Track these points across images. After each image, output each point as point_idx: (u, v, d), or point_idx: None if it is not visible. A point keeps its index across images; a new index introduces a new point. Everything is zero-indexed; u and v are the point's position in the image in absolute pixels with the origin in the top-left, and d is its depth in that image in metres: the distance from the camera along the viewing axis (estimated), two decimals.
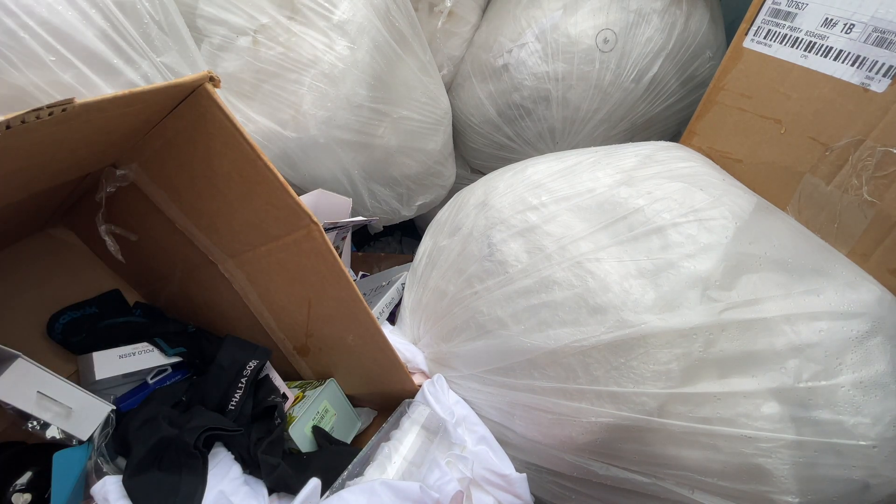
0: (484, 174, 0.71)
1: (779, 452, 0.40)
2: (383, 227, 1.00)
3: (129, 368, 0.59)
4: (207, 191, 0.50)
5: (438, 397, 0.54)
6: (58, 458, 0.47)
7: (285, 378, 0.68)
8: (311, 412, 0.57)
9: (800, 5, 0.51)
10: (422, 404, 0.55)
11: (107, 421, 0.53)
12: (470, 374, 0.55)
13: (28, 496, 0.49)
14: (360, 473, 0.50)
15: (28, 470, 0.51)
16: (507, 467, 0.50)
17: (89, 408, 0.52)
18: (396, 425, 0.55)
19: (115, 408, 0.54)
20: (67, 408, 0.50)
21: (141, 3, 0.52)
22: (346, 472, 0.48)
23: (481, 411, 0.55)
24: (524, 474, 0.50)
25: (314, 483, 0.45)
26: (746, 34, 0.55)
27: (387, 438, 0.53)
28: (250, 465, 0.51)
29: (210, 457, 0.51)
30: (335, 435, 0.58)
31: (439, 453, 0.50)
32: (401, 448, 0.51)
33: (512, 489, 0.49)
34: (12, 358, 0.47)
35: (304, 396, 0.60)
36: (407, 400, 0.57)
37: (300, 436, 0.55)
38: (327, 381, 0.61)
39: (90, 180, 0.55)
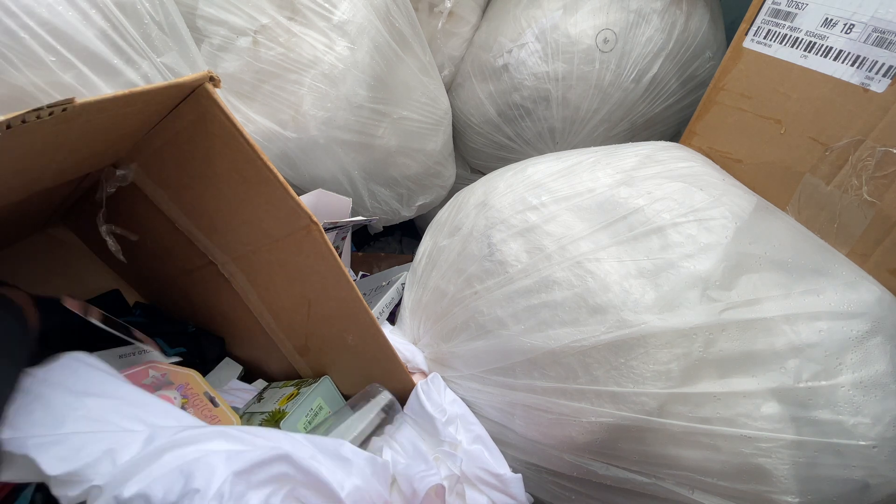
0: (484, 174, 0.71)
1: (779, 452, 0.40)
2: (383, 227, 1.01)
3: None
4: (207, 191, 0.50)
5: (431, 395, 0.54)
6: None
7: (286, 378, 0.68)
8: (304, 409, 0.57)
9: (800, 5, 0.51)
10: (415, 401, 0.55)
11: None
12: (470, 374, 0.55)
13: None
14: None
15: None
16: (502, 467, 0.50)
17: None
18: (391, 421, 0.55)
19: None
20: None
21: (141, 3, 0.52)
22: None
23: (481, 411, 0.55)
24: (519, 475, 0.50)
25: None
26: (746, 34, 0.55)
27: (381, 433, 0.54)
28: None
29: None
30: (331, 432, 0.58)
31: (428, 448, 0.50)
32: (397, 447, 0.52)
33: (506, 489, 0.49)
34: None
35: (298, 393, 0.60)
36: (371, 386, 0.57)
37: (291, 431, 0.55)
38: (322, 378, 0.61)
39: (90, 180, 0.55)
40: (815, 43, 0.50)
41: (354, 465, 0.42)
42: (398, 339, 0.62)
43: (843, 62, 0.48)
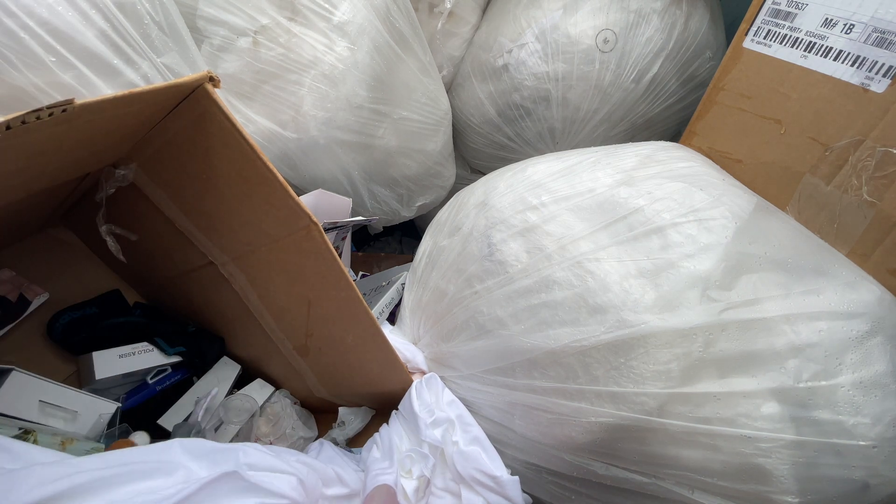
0: (484, 174, 0.71)
1: (779, 452, 0.40)
2: (383, 227, 1.01)
3: (128, 368, 0.60)
4: (207, 191, 0.50)
5: (422, 395, 0.54)
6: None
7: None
8: None
9: (800, 5, 0.51)
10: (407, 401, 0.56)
11: (113, 419, 0.53)
12: (470, 373, 0.55)
13: None
14: None
15: None
16: (499, 469, 0.50)
17: (94, 408, 0.52)
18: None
19: (120, 405, 0.54)
20: (73, 411, 0.50)
21: (141, 3, 0.52)
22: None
23: (481, 411, 0.55)
24: (516, 477, 0.49)
25: None
26: (746, 34, 0.55)
27: (377, 431, 0.54)
28: None
29: None
30: None
31: (409, 447, 0.51)
32: (380, 441, 0.52)
33: (503, 491, 0.49)
34: (6, 372, 0.47)
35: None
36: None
37: None
38: None
39: (90, 180, 0.55)
40: (815, 43, 0.50)
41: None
42: (398, 339, 0.62)
43: (843, 62, 0.48)
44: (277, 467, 0.40)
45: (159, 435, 0.59)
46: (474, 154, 0.99)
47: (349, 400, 0.66)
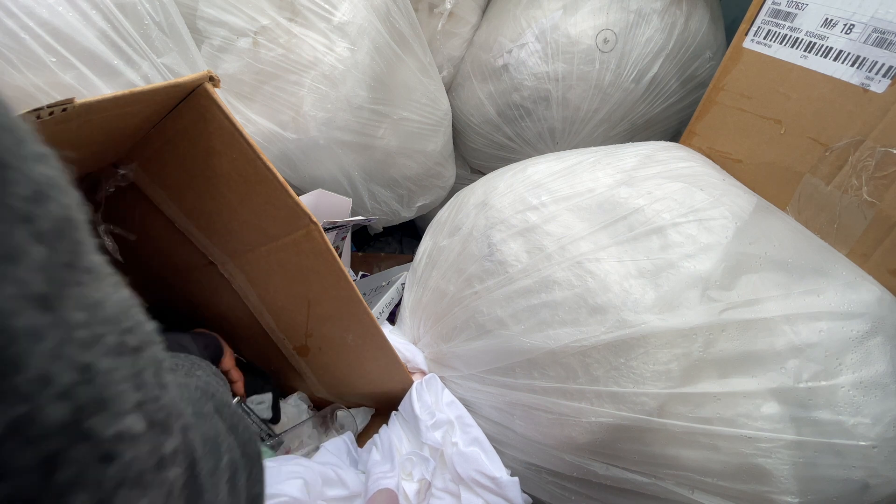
0: (484, 174, 0.71)
1: (779, 452, 0.40)
2: (383, 227, 1.01)
3: None
4: (207, 191, 0.50)
5: (423, 397, 0.54)
6: None
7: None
8: None
9: (800, 5, 0.51)
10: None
11: None
12: (470, 374, 0.55)
13: None
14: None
15: None
16: (499, 470, 0.50)
17: None
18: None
19: None
20: None
21: (142, 4, 0.52)
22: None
23: (481, 411, 0.55)
24: (516, 478, 0.49)
25: None
26: (746, 34, 0.55)
27: (376, 431, 0.54)
28: None
29: None
30: None
31: (410, 449, 0.51)
32: (379, 443, 0.52)
33: (502, 492, 0.49)
34: None
35: None
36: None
37: None
38: None
39: (90, 180, 0.55)
40: (815, 43, 0.50)
41: None
42: (398, 339, 0.62)
43: (843, 62, 0.48)
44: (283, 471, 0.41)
45: None
46: (474, 154, 0.99)
47: (349, 400, 0.66)
